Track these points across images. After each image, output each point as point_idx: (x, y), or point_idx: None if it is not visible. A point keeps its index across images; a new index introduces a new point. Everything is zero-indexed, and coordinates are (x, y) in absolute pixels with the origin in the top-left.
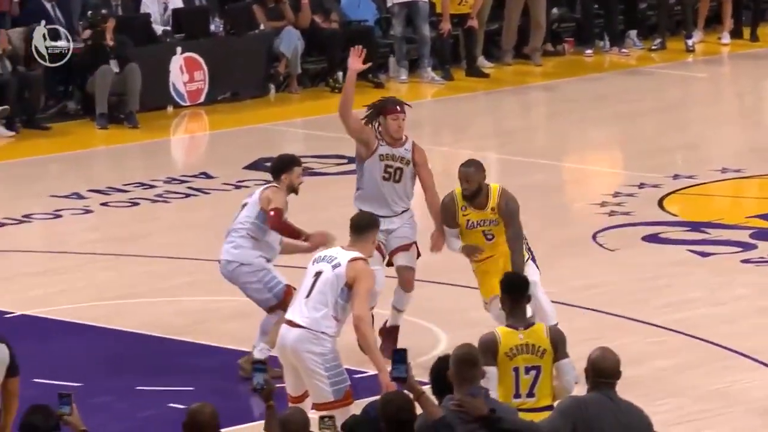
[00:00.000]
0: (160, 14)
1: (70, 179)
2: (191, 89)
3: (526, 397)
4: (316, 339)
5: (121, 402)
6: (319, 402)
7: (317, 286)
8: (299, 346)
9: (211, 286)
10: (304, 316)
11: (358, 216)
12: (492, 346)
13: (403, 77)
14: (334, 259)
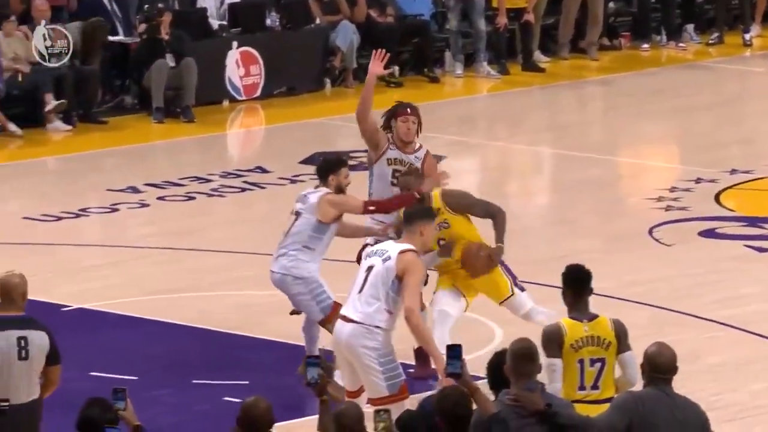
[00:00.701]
0: (216, 8)
1: (127, 173)
2: (247, 83)
3: (591, 389)
4: (370, 333)
5: (177, 395)
6: (374, 397)
7: (369, 280)
8: (353, 341)
9: (267, 280)
10: (358, 310)
11: (413, 207)
12: (557, 338)
13: (459, 72)
14: (384, 252)
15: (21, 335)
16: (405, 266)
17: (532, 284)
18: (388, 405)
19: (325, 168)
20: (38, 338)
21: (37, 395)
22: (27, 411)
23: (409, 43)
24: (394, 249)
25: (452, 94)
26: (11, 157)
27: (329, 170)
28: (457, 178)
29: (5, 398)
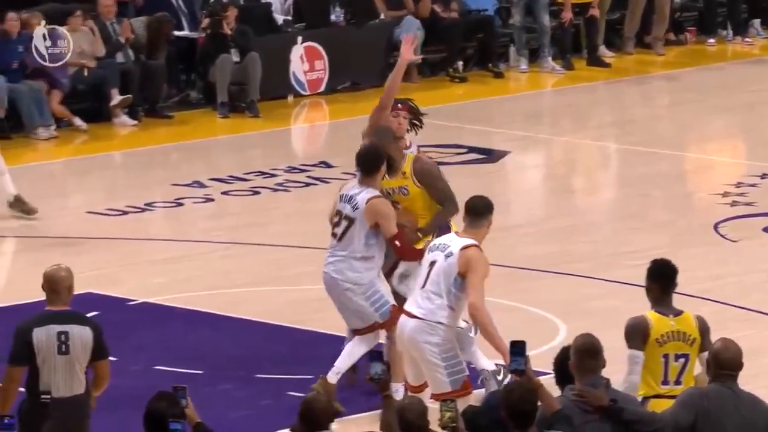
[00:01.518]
0: (281, 4)
1: (192, 168)
2: (312, 78)
3: (674, 384)
4: (432, 329)
5: (241, 390)
6: (437, 392)
7: (431, 276)
8: (416, 336)
9: None
10: (420, 306)
11: (474, 200)
12: (643, 330)
13: (523, 67)
14: (447, 247)
15: (62, 330)
16: (467, 262)
17: (599, 280)
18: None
19: (375, 160)
20: (80, 333)
21: (81, 390)
22: (70, 405)
23: (474, 38)
24: (456, 244)
25: (517, 89)
26: (77, 152)
27: (376, 165)
28: (523, 173)
29: (47, 391)
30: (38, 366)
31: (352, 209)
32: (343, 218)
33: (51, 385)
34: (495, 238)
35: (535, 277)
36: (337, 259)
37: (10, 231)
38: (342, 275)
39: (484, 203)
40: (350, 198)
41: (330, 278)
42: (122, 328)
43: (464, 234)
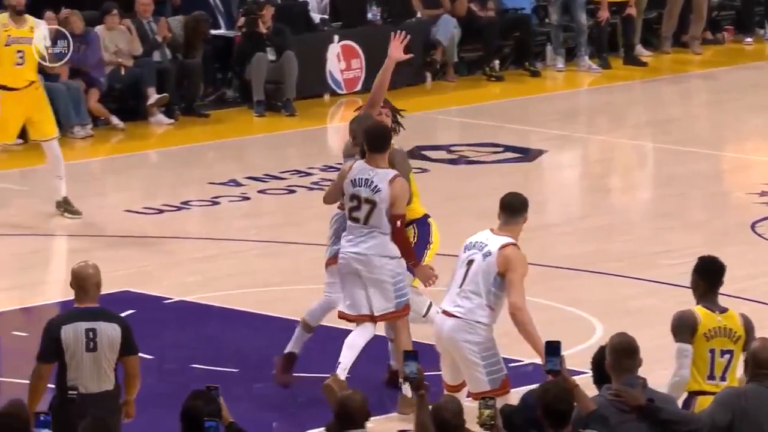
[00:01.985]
0: (318, 2)
1: (228, 166)
2: (348, 77)
3: (720, 380)
4: (472, 328)
5: (277, 388)
6: (476, 391)
7: (469, 276)
8: (455, 335)
9: None
10: (458, 305)
11: (510, 196)
12: (692, 324)
13: (560, 65)
14: (484, 246)
15: (89, 327)
16: (507, 262)
17: (635, 279)
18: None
19: (384, 137)
20: (108, 330)
21: (110, 387)
22: (99, 401)
23: (510, 37)
24: (494, 243)
25: (553, 88)
26: (114, 151)
27: (388, 139)
28: (559, 171)
29: (74, 387)
30: (66, 363)
31: (373, 192)
32: (364, 202)
33: (79, 382)
34: (531, 237)
35: (572, 276)
36: (365, 237)
37: (48, 230)
38: (376, 250)
39: (520, 200)
40: (367, 182)
41: (361, 256)
42: (158, 326)
43: (500, 232)
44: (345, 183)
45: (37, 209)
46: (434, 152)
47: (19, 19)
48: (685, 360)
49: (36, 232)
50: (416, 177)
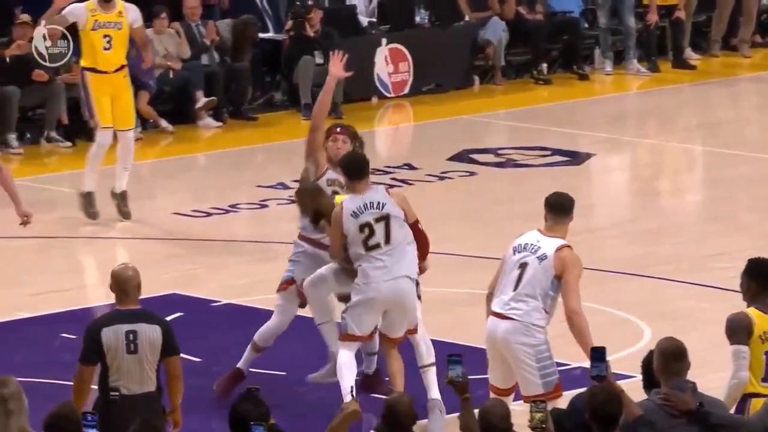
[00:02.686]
0: (366, 5)
1: (276, 169)
2: (396, 80)
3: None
4: (528, 331)
5: (323, 391)
6: (529, 394)
7: (525, 279)
8: (511, 337)
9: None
10: (514, 308)
11: (557, 196)
12: (747, 326)
13: (608, 69)
14: (537, 249)
15: (130, 329)
16: (563, 264)
17: (684, 282)
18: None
19: (362, 162)
20: (149, 331)
21: (152, 388)
22: (140, 403)
23: (559, 40)
24: (548, 245)
25: (602, 91)
26: (162, 154)
27: (366, 165)
28: (608, 175)
29: (116, 389)
30: (108, 365)
31: (380, 209)
32: (376, 222)
33: (120, 383)
34: (580, 240)
35: (620, 279)
36: (397, 258)
37: (97, 232)
38: (412, 271)
39: (568, 200)
40: (370, 204)
41: (406, 283)
42: (205, 329)
43: (550, 233)
44: (345, 223)
45: None
46: (482, 155)
47: (107, 4)
48: (743, 362)
49: (85, 234)
50: (464, 180)
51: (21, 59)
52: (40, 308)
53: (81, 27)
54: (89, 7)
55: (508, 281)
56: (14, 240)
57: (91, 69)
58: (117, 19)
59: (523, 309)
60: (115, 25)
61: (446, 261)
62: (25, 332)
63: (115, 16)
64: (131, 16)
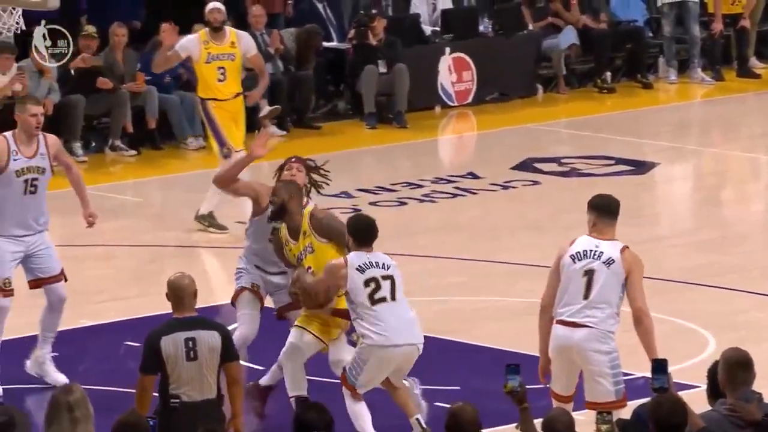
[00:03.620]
0: (429, 15)
1: (339, 178)
2: (459, 89)
3: None
4: (604, 338)
5: (387, 401)
6: (601, 401)
7: (596, 286)
8: (587, 345)
9: (476, 285)
10: (588, 316)
11: (606, 199)
12: None
13: (673, 78)
14: (600, 254)
15: (189, 336)
16: (629, 265)
17: (748, 292)
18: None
19: (373, 229)
20: (208, 338)
21: (212, 395)
22: (200, 409)
23: (623, 48)
24: (611, 249)
25: (666, 100)
26: None
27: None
28: (671, 184)
29: (177, 396)
30: (168, 372)
31: (386, 269)
32: (382, 279)
33: (181, 390)
34: (644, 249)
35: (684, 289)
36: (407, 317)
37: (160, 240)
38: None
39: (616, 201)
40: (376, 263)
41: (412, 348)
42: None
43: (604, 236)
44: (351, 276)
45: (151, 220)
46: (546, 164)
47: (218, 35)
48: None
49: (149, 242)
50: (528, 189)
51: (87, 71)
52: (104, 316)
53: (195, 60)
54: (202, 39)
55: (574, 290)
56: (78, 248)
57: (210, 99)
58: (230, 50)
59: (599, 316)
60: (229, 57)
61: (508, 270)
62: (89, 340)
63: (228, 47)
64: (244, 46)
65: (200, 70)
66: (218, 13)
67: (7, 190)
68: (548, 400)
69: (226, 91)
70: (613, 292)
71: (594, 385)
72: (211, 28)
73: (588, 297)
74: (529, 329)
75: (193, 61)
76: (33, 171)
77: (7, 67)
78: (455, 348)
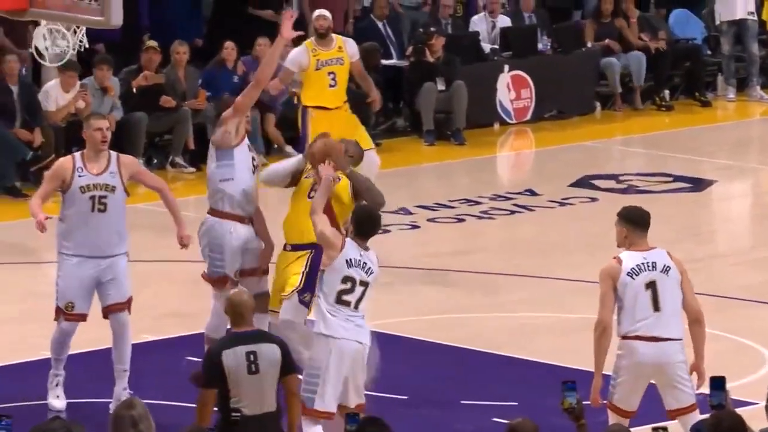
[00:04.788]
0: (488, 33)
1: (398, 195)
2: (518, 107)
3: None
4: (682, 348)
5: (445, 416)
6: (683, 406)
7: (663, 297)
8: (672, 358)
9: (535, 301)
10: (666, 328)
11: (638, 210)
12: None
13: (731, 95)
14: (654, 264)
15: (250, 350)
16: (681, 267)
17: None
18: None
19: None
20: (268, 351)
21: (272, 408)
22: (260, 422)
23: (681, 66)
24: (661, 257)
25: (724, 118)
26: None
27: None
28: (729, 202)
29: (238, 409)
30: (229, 386)
31: (368, 274)
32: (359, 284)
33: (242, 404)
34: (702, 267)
35: (742, 306)
36: (360, 323)
37: None
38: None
39: (648, 212)
40: (363, 264)
41: (361, 347)
42: None
43: (645, 246)
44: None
45: None
46: (603, 181)
47: (325, 41)
48: None
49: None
50: (586, 206)
51: (149, 89)
52: (166, 331)
53: (304, 69)
54: (309, 47)
55: (642, 305)
56: (140, 264)
57: (315, 107)
58: (338, 54)
59: (675, 326)
60: (338, 61)
61: (565, 286)
62: (150, 355)
63: (336, 52)
64: (350, 50)
65: (309, 79)
66: (323, 20)
67: (73, 209)
68: (604, 416)
69: (335, 99)
70: (678, 298)
71: (677, 393)
72: (317, 34)
73: (658, 309)
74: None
75: (303, 70)
76: (100, 188)
77: (72, 85)
78: (513, 363)
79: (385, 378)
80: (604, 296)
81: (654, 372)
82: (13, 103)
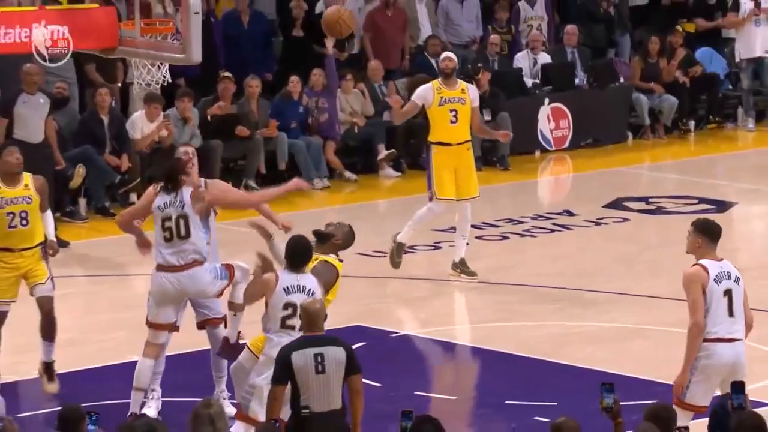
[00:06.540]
0: (530, 68)
1: (449, 215)
2: (557, 136)
3: None
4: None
5: (491, 415)
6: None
7: (736, 304)
8: (743, 357)
9: (573, 312)
10: (738, 330)
11: (712, 223)
12: None
13: (751, 126)
14: (729, 273)
15: (317, 352)
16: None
17: None
18: None
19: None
20: (335, 353)
21: (338, 406)
22: (327, 420)
23: (704, 99)
24: (732, 267)
25: (744, 146)
26: (347, 200)
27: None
28: (750, 222)
29: (307, 407)
30: (298, 385)
31: (309, 295)
32: (300, 308)
33: (310, 402)
34: None
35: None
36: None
37: None
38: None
39: (720, 226)
40: (302, 288)
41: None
42: (386, 357)
43: (712, 257)
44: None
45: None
46: (635, 203)
47: (449, 81)
48: None
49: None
50: (618, 225)
51: (224, 119)
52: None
53: (428, 105)
54: (435, 86)
55: (719, 310)
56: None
57: (437, 143)
58: (460, 95)
59: (742, 329)
60: (460, 101)
61: (600, 298)
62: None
63: (459, 92)
64: (472, 94)
65: (433, 114)
66: (449, 61)
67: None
68: (638, 415)
69: (456, 135)
70: (742, 306)
71: None
72: (443, 75)
73: (732, 315)
74: (620, 352)
75: (427, 106)
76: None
77: (156, 116)
78: (553, 368)
79: (437, 380)
80: (696, 301)
81: (729, 372)
82: (104, 132)
